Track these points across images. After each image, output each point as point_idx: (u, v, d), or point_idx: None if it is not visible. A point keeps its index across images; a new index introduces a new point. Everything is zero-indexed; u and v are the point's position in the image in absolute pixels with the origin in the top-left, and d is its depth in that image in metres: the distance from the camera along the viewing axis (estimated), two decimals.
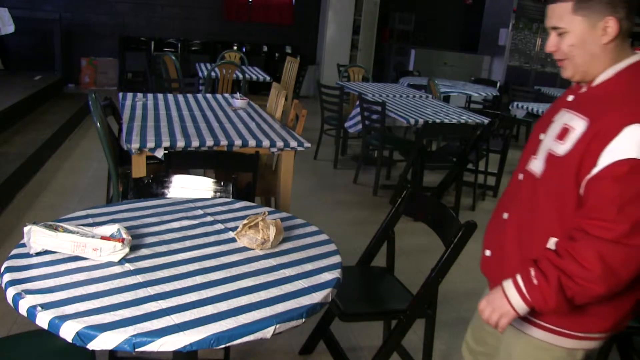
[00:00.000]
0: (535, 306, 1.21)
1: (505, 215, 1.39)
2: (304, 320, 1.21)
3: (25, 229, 1.36)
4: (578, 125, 1.21)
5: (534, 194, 1.31)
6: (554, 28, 1.25)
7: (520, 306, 1.22)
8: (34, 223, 1.36)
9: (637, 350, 2.39)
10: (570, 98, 1.31)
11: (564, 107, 1.30)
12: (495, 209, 1.50)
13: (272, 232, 1.51)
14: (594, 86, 1.25)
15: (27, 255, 1.35)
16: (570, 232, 1.18)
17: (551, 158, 1.26)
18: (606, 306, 1.24)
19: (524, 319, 1.31)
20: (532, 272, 1.20)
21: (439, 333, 2.10)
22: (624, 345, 2.36)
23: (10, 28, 5.87)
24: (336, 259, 1.51)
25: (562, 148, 1.23)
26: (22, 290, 1.19)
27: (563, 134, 1.24)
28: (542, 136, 1.34)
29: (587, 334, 1.29)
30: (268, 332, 1.14)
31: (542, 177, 1.29)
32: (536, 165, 1.31)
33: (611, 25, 1.18)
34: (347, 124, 5.02)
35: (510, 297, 1.23)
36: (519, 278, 1.22)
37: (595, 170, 1.14)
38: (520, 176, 1.39)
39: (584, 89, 1.28)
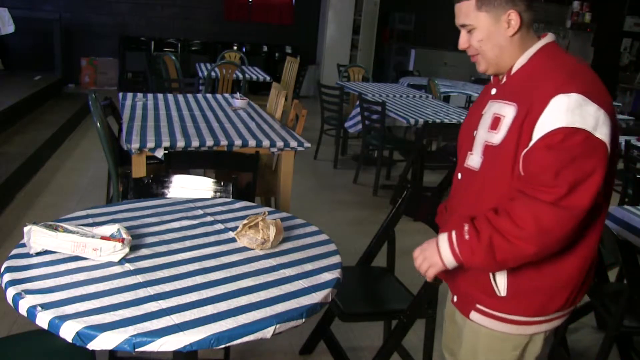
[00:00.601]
0: (463, 261, 1.25)
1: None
2: (304, 320, 1.21)
3: (25, 229, 1.36)
4: (507, 112, 1.25)
5: (476, 188, 1.34)
6: (463, 26, 1.31)
7: (449, 260, 1.27)
8: (34, 223, 1.36)
9: (637, 350, 2.39)
10: (494, 91, 1.36)
11: (491, 100, 1.35)
12: (441, 212, 1.56)
13: (272, 232, 1.51)
14: (513, 74, 1.30)
15: (27, 255, 1.35)
16: (511, 194, 1.22)
17: (488, 149, 1.30)
18: (556, 286, 1.29)
19: (484, 313, 1.35)
20: (466, 227, 1.24)
21: (439, 333, 2.10)
22: (624, 345, 2.36)
23: (10, 28, 5.87)
24: (336, 259, 1.50)
25: (497, 137, 1.27)
26: (22, 290, 1.18)
27: (495, 123, 1.28)
28: (475, 132, 1.37)
29: (546, 317, 1.33)
30: (268, 332, 1.14)
31: (481, 169, 1.32)
32: (474, 160, 1.35)
33: (513, 18, 1.25)
34: (347, 124, 5.02)
35: (441, 250, 1.28)
36: (453, 233, 1.27)
37: (530, 144, 1.18)
38: (459, 176, 1.42)
39: (504, 80, 1.33)
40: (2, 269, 1.29)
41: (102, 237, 1.37)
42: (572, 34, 9.82)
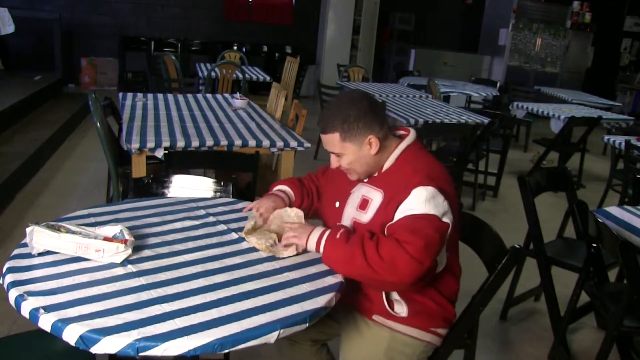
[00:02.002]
0: (322, 256, 1.43)
1: None
2: (307, 324, 1.20)
3: (28, 229, 1.35)
4: (375, 196, 1.51)
5: None
6: (332, 152, 1.54)
7: (311, 247, 1.47)
8: (36, 223, 1.36)
9: (637, 350, 2.39)
10: (365, 179, 1.58)
11: (361, 183, 1.58)
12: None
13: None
14: (383, 172, 1.55)
15: (29, 256, 1.35)
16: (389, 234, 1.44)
17: (357, 225, 1.53)
18: (438, 310, 1.56)
19: (391, 317, 1.53)
20: (341, 230, 1.43)
21: None
22: (624, 345, 2.37)
23: (10, 28, 5.85)
24: None
25: (366, 216, 1.51)
26: (25, 292, 1.18)
27: (364, 204, 1.53)
28: (337, 204, 1.61)
29: (436, 330, 1.59)
30: (272, 337, 1.14)
31: None
32: None
33: (374, 142, 1.50)
34: None
35: (310, 237, 1.46)
36: (328, 230, 1.46)
37: (395, 219, 1.42)
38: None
39: (376, 174, 1.57)
40: (5, 270, 1.28)
41: (105, 238, 1.37)
42: (572, 34, 9.82)
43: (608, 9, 10.40)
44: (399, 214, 1.42)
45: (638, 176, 2.93)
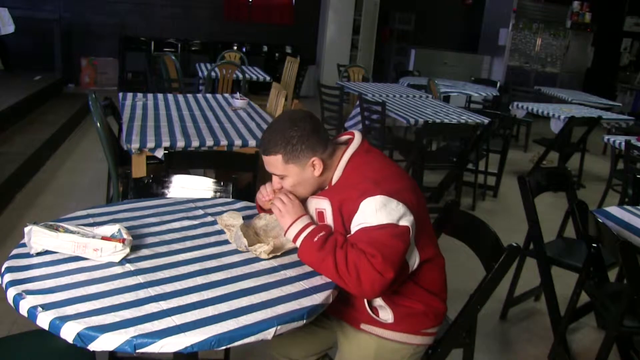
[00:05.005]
0: (298, 251, 1.42)
1: None
2: (304, 321, 1.21)
3: (26, 229, 1.35)
4: (326, 205, 1.46)
5: None
6: (274, 174, 1.51)
7: (289, 237, 1.45)
8: (35, 223, 1.36)
9: (637, 350, 2.39)
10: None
11: (309, 198, 1.54)
12: None
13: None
14: (333, 185, 1.51)
15: (28, 255, 1.35)
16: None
17: None
18: (426, 310, 1.54)
19: (378, 324, 1.52)
20: (321, 233, 1.40)
21: None
22: (624, 345, 2.36)
23: (10, 28, 5.85)
24: None
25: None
26: (23, 291, 1.18)
27: (320, 217, 1.49)
28: None
29: (426, 330, 1.57)
30: (269, 334, 1.14)
31: None
32: None
33: (317, 163, 1.47)
34: (347, 124, 5.02)
35: (292, 227, 1.44)
36: (309, 229, 1.42)
37: (352, 231, 1.40)
38: None
39: (326, 187, 1.54)
40: (3, 269, 1.29)
41: (103, 238, 1.37)
42: (572, 34, 9.82)
43: (608, 9, 10.40)
44: (354, 227, 1.39)
45: (638, 176, 2.93)
